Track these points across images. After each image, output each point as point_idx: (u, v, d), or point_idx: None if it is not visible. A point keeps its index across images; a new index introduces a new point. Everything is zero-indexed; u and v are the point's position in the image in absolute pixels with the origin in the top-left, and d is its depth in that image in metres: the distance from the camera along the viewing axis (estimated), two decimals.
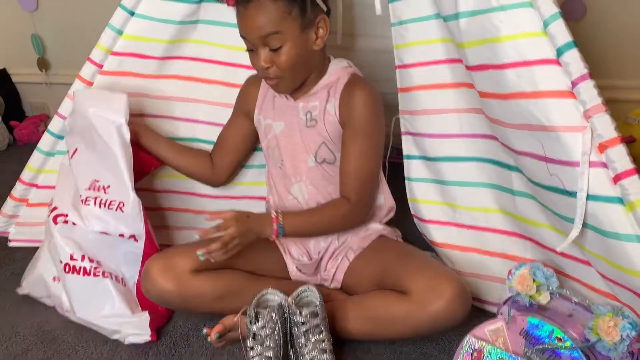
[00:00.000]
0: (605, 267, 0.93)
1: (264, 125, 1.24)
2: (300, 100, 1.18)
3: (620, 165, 0.87)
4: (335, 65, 1.18)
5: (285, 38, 1.06)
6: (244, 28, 1.08)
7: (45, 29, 2.34)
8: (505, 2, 0.96)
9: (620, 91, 1.67)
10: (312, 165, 1.20)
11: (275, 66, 1.09)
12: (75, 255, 1.18)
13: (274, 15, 1.05)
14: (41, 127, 2.37)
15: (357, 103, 1.13)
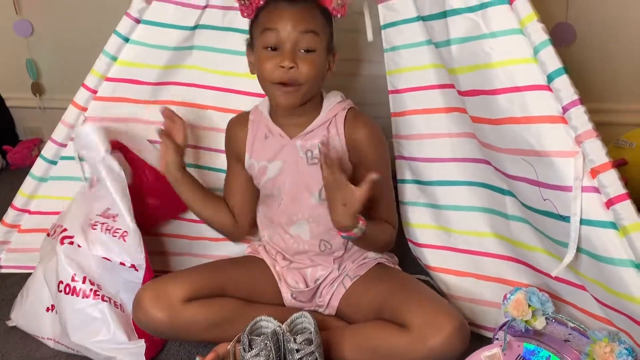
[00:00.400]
0: (600, 292, 0.93)
1: (258, 167, 1.20)
2: (297, 139, 1.15)
3: (613, 190, 0.87)
4: (330, 101, 1.16)
5: (318, 44, 1.07)
6: (282, 19, 1.05)
7: (40, 53, 2.35)
8: (495, 29, 0.97)
9: (611, 114, 1.69)
10: (315, 203, 1.17)
11: (299, 71, 1.06)
12: (76, 277, 1.17)
13: (319, 20, 1.08)
14: (35, 151, 2.36)
15: (367, 141, 1.13)
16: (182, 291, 1.08)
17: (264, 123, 1.18)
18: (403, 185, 1.31)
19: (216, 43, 1.36)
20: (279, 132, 1.16)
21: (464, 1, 1.01)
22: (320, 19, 1.08)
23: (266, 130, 1.18)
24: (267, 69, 1.07)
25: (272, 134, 1.17)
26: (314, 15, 1.07)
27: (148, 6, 1.30)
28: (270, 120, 1.17)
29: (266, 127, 1.18)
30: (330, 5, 1.08)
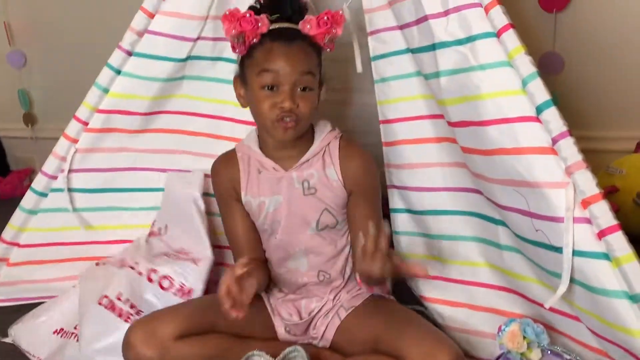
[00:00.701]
0: (595, 324, 0.93)
1: (256, 204, 1.16)
2: (293, 170, 1.14)
3: (604, 221, 0.87)
4: (321, 130, 1.16)
5: (314, 83, 1.08)
6: (281, 61, 1.04)
7: (33, 84, 2.36)
8: (484, 62, 0.99)
9: (601, 142, 1.70)
10: (311, 234, 1.16)
11: (299, 109, 1.06)
12: (122, 297, 1.22)
13: (314, 59, 1.08)
14: (26, 181, 2.36)
15: (362, 171, 1.13)
16: (172, 328, 1.06)
17: (255, 158, 1.16)
18: (395, 214, 1.30)
19: (206, 72, 1.38)
20: (272, 165, 1.14)
21: (452, 34, 1.03)
22: (314, 58, 1.09)
23: (258, 164, 1.16)
24: (266, 109, 1.06)
25: (265, 168, 1.15)
26: (310, 54, 1.07)
27: (140, 39, 1.31)
28: (262, 154, 1.16)
29: (258, 161, 1.16)
30: (322, 42, 1.09)
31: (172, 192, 1.40)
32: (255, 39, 1.06)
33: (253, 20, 1.04)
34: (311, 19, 1.07)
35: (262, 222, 1.17)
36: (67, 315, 1.30)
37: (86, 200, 1.40)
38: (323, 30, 1.06)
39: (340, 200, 1.14)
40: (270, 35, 1.06)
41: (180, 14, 1.31)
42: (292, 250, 1.17)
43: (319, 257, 1.17)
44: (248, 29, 1.04)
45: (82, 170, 1.37)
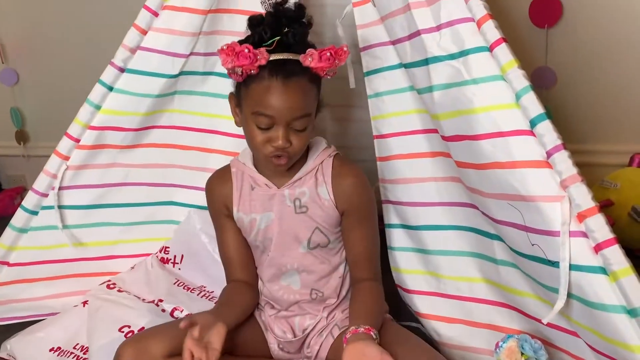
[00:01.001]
0: (593, 339, 0.91)
1: (248, 221, 1.14)
2: (286, 187, 1.12)
3: (600, 235, 0.86)
4: (316, 148, 1.15)
5: (311, 120, 1.05)
6: (277, 105, 1.00)
7: (25, 102, 2.35)
8: (477, 76, 0.98)
9: (594, 155, 1.71)
10: (303, 252, 1.14)
11: (292, 145, 1.04)
12: (135, 329, 1.23)
13: (311, 98, 1.04)
14: (17, 200, 2.33)
15: (354, 191, 1.11)
16: (162, 347, 1.04)
17: (248, 174, 1.15)
18: (390, 230, 1.30)
19: (198, 87, 1.39)
20: (265, 182, 1.13)
21: (445, 49, 1.03)
22: (314, 95, 1.05)
23: (251, 181, 1.15)
24: (259, 143, 1.04)
25: (257, 185, 1.14)
26: (308, 92, 1.03)
27: (132, 55, 1.31)
28: (255, 170, 1.14)
29: (251, 177, 1.15)
30: (323, 73, 1.04)
31: (193, 230, 1.41)
32: (253, 70, 1.01)
33: (251, 56, 0.99)
34: (313, 52, 1.01)
35: (254, 239, 1.16)
36: (66, 334, 1.29)
37: (77, 217, 1.39)
38: (324, 65, 1.01)
39: (332, 220, 1.12)
40: (268, 68, 1.00)
41: (173, 31, 1.31)
42: (284, 268, 1.16)
43: (312, 275, 1.15)
44: (245, 64, 0.99)
45: (73, 187, 1.36)
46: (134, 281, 1.41)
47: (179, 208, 1.47)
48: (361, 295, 1.12)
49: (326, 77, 1.06)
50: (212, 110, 1.41)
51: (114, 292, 1.38)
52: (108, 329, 1.24)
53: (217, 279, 1.35)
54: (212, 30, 1.34)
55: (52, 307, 1.40)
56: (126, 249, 1.47)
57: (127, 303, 1.33)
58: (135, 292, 1.37)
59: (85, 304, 1.36)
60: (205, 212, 1.39)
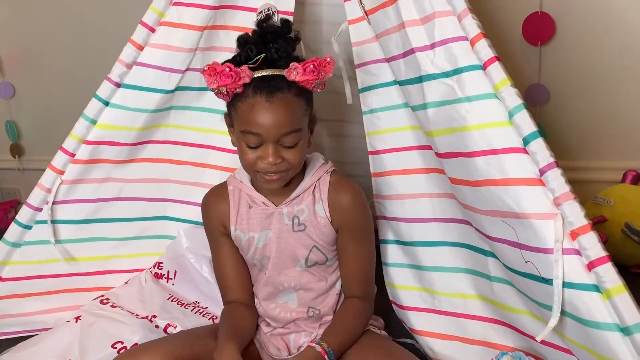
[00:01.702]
0: (587, 357, 0.91)
1: (246, 239, 1.14)
2: (284, 205, 1.11)
3: (593, 253, 0.86)
4: (313, 165, 1.13)
5: (301, 135, 1.03)
6: (263, 123, 0.99)
7: (21, 115, 2.35)
8: (470, 94, 0.99)
9: (586, 172, 1.71)
10: (300, 271, 1.14)
11: (285, 161, 1.03)
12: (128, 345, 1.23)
13: (298, 112, 1.02)
14: (11, 213, 2.32)
15: (350, 208, 1.10)
16: None
17: (245, 192, 1.14)
18: (385, 245, 1.30)
19: (194, 102, 1.39)
20: (263, 200, 1.12)
21: (439, 67, 1.04)
22: (301, 109, 1.03)
23: (248, 199, 1.14)
24: (249, 160, 1.04)
25: (255, 203, 1.12)
26: (295, 106, 1.01)
27: (129, 70, 1.32)
28: (253, 188, 1.13)
29: (248, 196, 1.14)
30: (311, 87, 1.03)
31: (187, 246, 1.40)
32: (238, 89, 1.01)
33: (233, 74, 0.99)
34: (296, 66, 1.00)
35: (252, 257, 1.15)
36: (58, 350, 1.27)
37: (70, 232, 1.38)
38: (310, 78, 1.00)
39: (328, 238, 1.12)
40: (253, 85, 1.00)
41: (170, 47, 1.32)
42: (281, 286, 1.15)
43: (309, 293, 1.15)
44: (228, 83, 0.99)
45: (67, 201, 1.36)
46: (128, 296, 1.40)
47: (173, 223, 1.46)
48: (343, 311, 1.12)
49: (316, 90, 1.05)
50: (207, 125, 1.41)
51: (108, 308, 1.37)
52: (101, 345, 1.23)
53: (210, 295, 1.36)
54: (209, 46, 1.35)
55: (44, 322, 1.38)
56: (120, 264, 1.46)
57: (120, 319, 1.32)
58: (129, 308, 1.37)
59: (78, 319, 1.35)
60: (194, 230, 1.40)
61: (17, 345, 1.33)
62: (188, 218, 1.44)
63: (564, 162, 0.93)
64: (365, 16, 1.22)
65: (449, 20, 1.03)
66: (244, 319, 1.15)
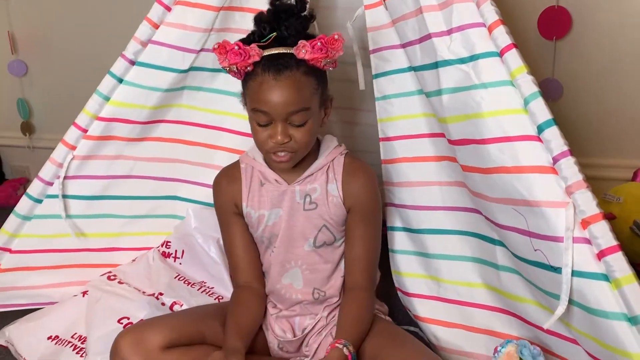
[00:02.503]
0: (593, 346, 0.91)
1: (256, 217, 1.14)
2: (296, 184, 1.11)
3: (604, 242, 0.86)
4: (327, 145, 1.14)
5: (310, 114, 1.04)
6: (271, 101, 1.00)
7: (33, 93, 2.36)
8: (486, 80, 0.99)
9: (598, 169, 1.70)
10: (308, 250, 1.14)
11: (293, 140, 1.03)
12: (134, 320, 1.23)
13: (307, 91, 1.02)
14: (20, 190, 2.34)
15: (363, 189, 1.11)
16: (160, 338, 1.04)
17: (258, 169, 1.15)
18: (393, 232, 1.30)
19: (207, 83, 1.39)
20: (275, 177, 1.13)
21: (455, 53, 1.03)
22: (310, 87, 1.03)
23: (261, 176, 1.14)
24: (260, 139, 1.05)
25: (267, 181, 1.13)
26: (303, 85, 1.01)
27: (143, 48, 1.32)
28: (266, 165, 1.14)
29: (260, 173, 1.14)
30: (320, 65, 1.03)
31: (195, 227, 1.41)
32: (249, 67, 1.02)
33: (242, 52, 1.00)
34: (305, 44, 1.00)
35: (260, 235, 1.16)
36: (64, 323, 1.30)
37: (80, 207, 1.39)
38: (318, 55, 1.00)
39: (339, 218, 1.13)
40: (262, 64, 1.01)
41: (185, 26, 1.32)
42: (287, 264, 1.16)
43: (315, 274, 1.15)
44: (237, 61, 1.01)
45: (78, 177, 1.36)
46: (135, 274, 1.41)
47: (183, 203, 1.47)
48: (350, 305, 1.11)
49: (327, 69, 1.06)
50: (219, 107, 1.42)
51: (115, 284, 1.38)
52: (107, 319, 1.24)
53: (217, 276, 1.37)
54: (224, 27, 1.35)
55: (51, 296, 1.40)
56: (128, 241, 1.47)
57: (127, 295, 1.33)
58: (136, 285, 1.38)
59: (85, 294, 1.36)
60: (202, 210, 1.41)
61: (24, 317, 1.34)
62: (197, 199, 1.45)
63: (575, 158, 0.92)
64: (382, 1, 1.22)
65: (467, 6, 1.02)
66: (252, 309, 1.15)
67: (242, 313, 1.12)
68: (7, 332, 1.31)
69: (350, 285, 1.14)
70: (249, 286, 1.18)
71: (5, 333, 1.31)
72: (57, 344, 1.26)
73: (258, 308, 1.17)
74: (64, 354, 1.23)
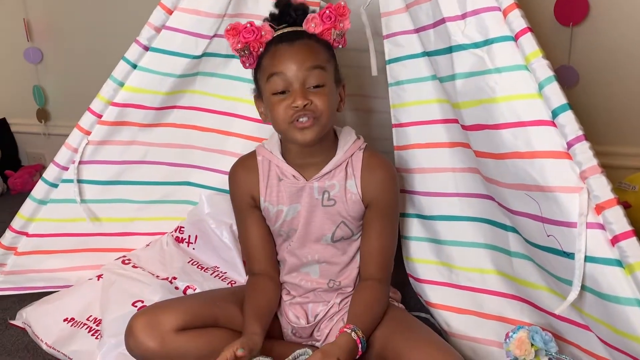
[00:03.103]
0: (605, 332, 0.91)
1: (274, 211, 1.13)
2: (314, 180, 1.10)
3: (618, 227, 0.86)
4: (345, 139, 1.13)
5: (326, 79, 1.04)
6: (287, 61, 1.02)
7: (49, 80, 2.38)
8: (500, 65, 0.98)
9: (614, 157, 1.68)
10: (325, 245, 1.14)
11: (314, 104, 1.02)
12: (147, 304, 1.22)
13: (322, 55, 1.05)
14: (36, 177, 2.37)
15: (382, 185, 1.10)
16: (174, 320, 1.05)
17: (275, 163, 1.13)
18: (405, 219, 1.30)
19: (220, 69, 1.40)
20: (293, 173, 1.11)
21: (470, 37, 1.02)
22: (323, 53, 1.06)
23: (278, 171, 1.12)
24: (280, 112, 1.03)
25: (285, 176, 1.12)
26: (317, 50, 1.05)
27: (157, 34, 1.33)
28: (283, 160, 1.13)
29: (278, 167, 1.13)
30: (330, 38, 1.06)
31: (208, 212, 1.42)
32: (261, 47, 1.05)
33: (255, 30, 1.03)
34: (314, 16, 1.04)
35: (278, 229, 1.16)
36: (80, 306, 1.32)
37: (95, 192, 1.41)
38: (328, 25, 1.04)
39: (357, 214, 1.12)
40: (274, 40, 1.06)
41: (199, 12, 1.32)
42: (304, 259, 1.16)
43: (332, 266, 1.16)
44: (251, 39, 1.03)
45: (93, 162, 1.38)
46: (149, 258, 1.43)
47: (196, 189, 1.48)
48: (363, 294, 1.11)
49: (337, 46, 1.08)
50: (232, 93, 1.42)
51: (129, 268, 1.40)
52: (121, 302, 1.26)
53: (230, 261, 1.38)
54: (237, 12, 1.35)
55: (67, 279, 1.42)
56: (142, 226, 1.48)
57: (141, 279, 1.34)
58: (150, 269, 1.39)
59: (100, 277, 1.38)
60: (215, 196, 1.42)
61: (40, 300, 1.37)
62: (211, 185, 1.46)
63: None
64: None
65: None
66: (268, 295, 1.15)
67: (260, 298, 1.13)
68: (24, 313, 1.34)
69: (365, 276, 1.14)
70: (265, 274, 1.18)
71: (22, 315, 1.34)
72: (73, 326, 1.28)
73: (274, 294, 1.17)
74: (79, 335, 1.26)
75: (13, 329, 1.34)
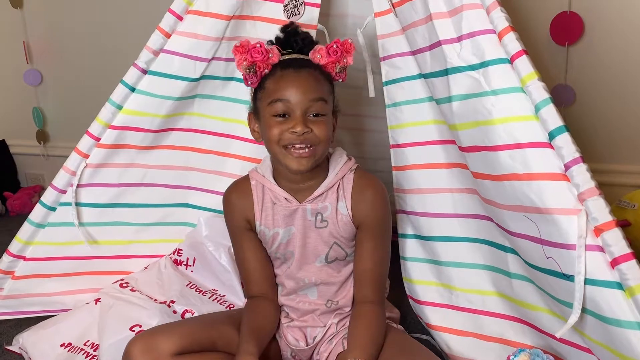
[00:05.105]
0: (607, 356, 0.90)
1: (270, 235, 1.14)
2: (307, 202, 1.11)
3: (617, 250, 0.85)
4: (336, 161, 1.13)
5: (327, 109, 1.07)
6: (293, 89, 1.03)
7: (48, 102, 2.39)
8: (496, 87, 0.99)
9: (612, 175, 1.69)
10: (320, 266, 1.14)
11: (313, 134, 1.03)
12: (145, 328, 1.21)
13: (325, 86, 1.08)
14: (35, 198, 2.37)
15: (372, 205, 1.10)
16: (171, 345, 1.04)
17: (268, 187, 1.14)
18: (404, 240, 1.29)
19: (218, 91, 1.41)
20: (285, 196, 1.11)
21: (465, 60, 1.03)
22: (327, 86, 1.08)
23: (271, 195, 1.13)
24: (276, 134, 1.04)
25: (278, 200, 1.12)
26: (320, 82, 1.07)
27: (155, 57, 1.33)
28: (275, 184, 1.13)
29: (271, 191, 1.13)
30: (333, 72, 1.09)
31: (206, 234, 1.41)
32: (267, 69, 1.06)
33: (264, 51, 1.05)
34: (321, 48, 1.07)
35: (274, 251, 1.16)
36: (77, 330, 1.31)
37: (93, 215, 1.40)
38: (333, 59, 1.07)
39: (349, 234, 1.12)
40: (280, 65, 1.07)
41: (197, 35, 1.33)
42: (301, 282, 1.16)
43: (330, 287, 1.16)
44: (259, 59, 1.05)
45: (91, 185, 1.38)
46: (147, 281, 1.42)
47: (194, 211, 1.48)
48: (363, 320, 1.09)
49: (337, 80, 1.10)
50: (230, 115, 1.43)
51: (127, 291, 1.39)
52: (119, 327, 1.25)
53: (228, 284, 1.37)
54: (235, 36, 1.36)
55: (65, 303, 1.41)
56: (140, 249, 1.48)
57: (139, 302, 1.33)
58: (148, 292, 1.38)
59: (98, 301, 1.37)
60: (213, 218, 1.41)
61: (38, 324, 1.36)
62: (209, 206, 1.46)
63: (588, 164, 0.91)
64: (392, 9, 1.22)
65: (477, 13, 1.02)
66: (267, 317, 1.15)
67: (258, 319, 1.12)
68: (21, 339, 1.32)
69: (360, 299, 1.13)
70: (263, 296, 1.18)
71: (19, 340, 1.33)
72: (70, 351, 1.27)
73: (274, 316, 1.17)
74: None
75: (9, 355, 1.33)
